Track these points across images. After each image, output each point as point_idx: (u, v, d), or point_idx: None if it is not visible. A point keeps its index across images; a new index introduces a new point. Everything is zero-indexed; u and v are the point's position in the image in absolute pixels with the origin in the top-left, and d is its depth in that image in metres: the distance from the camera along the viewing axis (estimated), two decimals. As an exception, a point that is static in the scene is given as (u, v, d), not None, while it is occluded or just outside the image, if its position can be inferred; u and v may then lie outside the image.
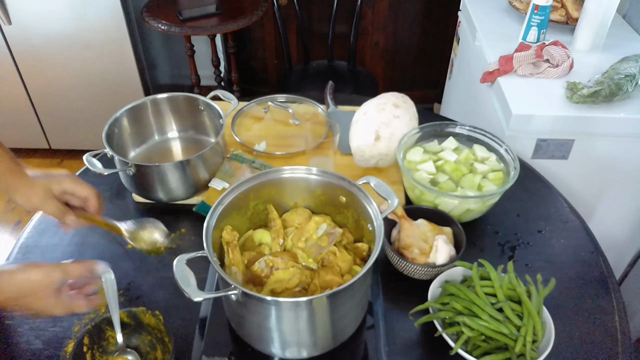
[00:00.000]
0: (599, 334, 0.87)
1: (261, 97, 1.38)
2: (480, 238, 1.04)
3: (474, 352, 0.78)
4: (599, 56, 1.52)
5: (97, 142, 1.11)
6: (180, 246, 1.01)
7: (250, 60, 2.86)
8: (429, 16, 2.67)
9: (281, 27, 2.28)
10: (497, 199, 1.01)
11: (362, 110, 1.14)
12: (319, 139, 1.19)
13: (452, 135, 1.13)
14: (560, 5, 1.67)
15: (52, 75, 2.30)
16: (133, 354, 0.81)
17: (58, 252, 1.00)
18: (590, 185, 1.44)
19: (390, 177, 1.15)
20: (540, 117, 1.30)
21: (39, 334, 0.86)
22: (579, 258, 1.00)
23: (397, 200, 0.83)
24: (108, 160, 1.03)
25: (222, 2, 2.27)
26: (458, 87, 1.96)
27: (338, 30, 2.44)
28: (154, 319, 0.80)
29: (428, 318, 0.83)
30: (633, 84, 1.31)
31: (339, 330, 0.80)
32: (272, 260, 0.82)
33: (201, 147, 1.17)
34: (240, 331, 0.82)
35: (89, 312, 0.89)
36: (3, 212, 2.44)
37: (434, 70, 2.85)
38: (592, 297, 0.93)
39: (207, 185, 1.07)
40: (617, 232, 1.56)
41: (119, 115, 1.10)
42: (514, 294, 0.82)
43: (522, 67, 1.41)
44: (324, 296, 0.71)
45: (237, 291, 0.70)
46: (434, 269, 0.88)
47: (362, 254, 0.87)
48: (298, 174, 0.89)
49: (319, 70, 2.42)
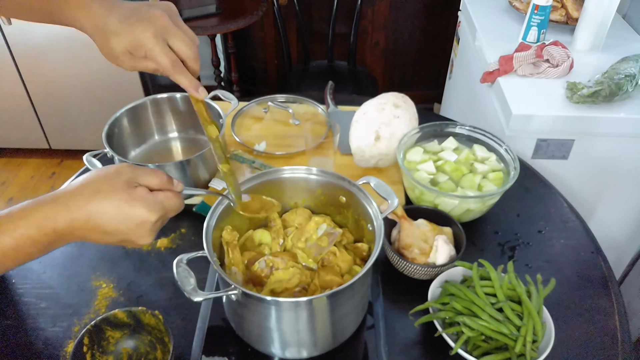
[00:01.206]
0: (599, 334, 0.87)
1: (261, 97, 1.38)
2: (480, 238, 1.04)
3: (474, 352, 0.78)
4: (599, 56, 1.52)
5: (97, 142, 1.11)
6: (180, 246, 1.01)
7: (250, 60, 2.86)
8: (429, 16, 2.67)
9: (281, 27, 2.28)
10: (497, 199, 1.01)
11: (362, 110, 1.14)
12: (319, 139, 1.19)
13: (452, 135, 1.13)
14: (560, 5, 1.66)
15: (52, 75, 2.31)
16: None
17: (57, 252, 1.00)
18: (590, 185, 1.44)
19: (390, 177, 1.15)
20: (540, 117, 1.30)
21: (39, 334, 0.86)
22: (579, 258, 1.00)
23: (397, 200, 0.83)
24: (108, 160, 1.03)
25: (222, 2, 2.27)
26: (458, 87, 1.96)
27: (338, 30, 2.44)
28: (154, 319, 0.80)
29: (428, 318, 0.83)
30: (633, 84, 1.31)
31: (339, 330, 0.80)
32: (272, 260, 0.82)
33: (201, 147, 1.17)
34: (240, 331, 0.82)
35: (88, 313, 0.89)
36: (3, 212, 2.44)
37: (434, 70, 2.85)
38: (592, 297, 0.93)
39: (207, 185, 1.07)
40: (617, 232, 1.56)
41: (119, 115, 1.10)
42: (514, 294, 0.82)
43: (522, 67, 1.41)
44: (324, 296, 0.71)
45: (237, 291, 0.70)
46: (434, 269, 0.88)
47: (362, 254, 0.87)
48: (298, 174, 0.89)
49: (319, 70, 2.42)
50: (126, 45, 0.68)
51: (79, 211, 0.58)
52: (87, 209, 0.59)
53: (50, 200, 0.59)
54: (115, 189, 0.60)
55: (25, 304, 0.91)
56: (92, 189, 0.60)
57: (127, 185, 0.61)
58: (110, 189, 0.60)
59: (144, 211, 0.61)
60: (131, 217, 0.61)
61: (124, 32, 0.67)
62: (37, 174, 2.63)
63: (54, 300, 0.91)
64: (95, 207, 0.59)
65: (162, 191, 0.65)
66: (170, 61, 0.69)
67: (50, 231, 0.58)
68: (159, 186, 0.65)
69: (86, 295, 0.92)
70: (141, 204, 0.61)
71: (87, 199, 0.59)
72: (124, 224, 0.61)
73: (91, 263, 0.98)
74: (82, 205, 0.59)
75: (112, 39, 0.68)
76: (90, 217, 0.59)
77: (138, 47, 0.68)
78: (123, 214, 0.60)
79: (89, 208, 0.59)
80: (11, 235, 0.56)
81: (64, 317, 0.88)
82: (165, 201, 0.64)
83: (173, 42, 0.69)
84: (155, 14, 0.68)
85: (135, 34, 0.67)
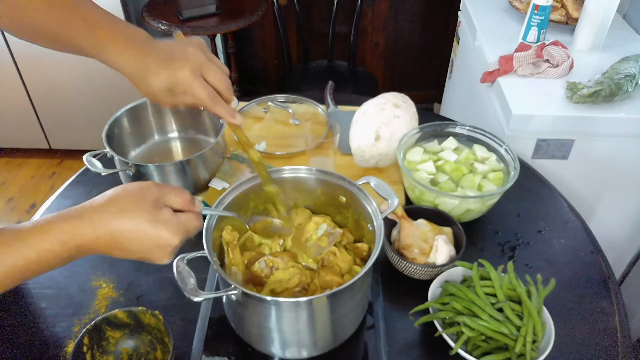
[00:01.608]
0: (599, 334, 0.87)
1: (261, 97, 1.38)
2: (480, 238, 1.04)
3: (474, 352, 0.78)
4: (599, 56, 1.52)
5: (97, 142, 1.11)
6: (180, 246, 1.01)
7: (250, 60, 2.86)
8: (429, 16, 2.67)
9: (281, 27, 2.28)
10: (497, 199, 1.01)
11: (362, 110, 1.14)
12: (319, 139, 1.19)
13: (452, 135, 1.13)
14: (560, 5, 1.66)
15: (52, 75, 2.31)
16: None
17: (58, 252, 1.00)
18: (590, 185, 1.44)
19: (390, 177, 1.15)
20: (540, 117, 1.30)
21: (39, 334, 0.86)
22: (579, 258, 1.00)
23: (397, 200, 0.83)
24: (108, 160, 1.03)
25: (222, 2, 2.27)
26: (458, 87, 1.96)
27: (338, 30, 2.44)
28: (154, 319, 0.80)
29: (428, 318, 0.83)
30: (633, 84, 1.31)
31: (339, 330, 0.80)
32: (272, 260, 0.82)
33: (201, 147, 1.17)
34: (240, 331, 0.82)
35: (88, 313, 0.89)
36: (3, 212, 2.44)
37: (434, 70, 2.85)
38: (592, 297, 0.93)
39: (207, 185, 1.07)
40: (617, 232, 1.56)
41: (119, 115, 1.10)
42: (514, 294, 0.82)
43: (522, 67, 1.41)
44: (324, 296, 0.71)
45: (237, 291, 0.70)
46: (434, 269, 0.88)
47: (362, 254, 0.87)
48: (298, 174, 0.89)
49: (319, 70, 2.42)
50: (166, 84, 0.70)
51: (103, 229, 0.59)
52: (111, 227, 0.59)
53: (75, 216, 0.59)
54: (140, 209, 0.61)
55: (25, 304, 0.91)
56: (118, 208, 0.60)
57: (153, 207, 0.62)
58: (136, 209, 0.61)
59: (167, 234, 0.62)
60: (154, 239, 0.62)
61: (163, 72, 0.70)
62: (37, 174, 2.63)
63: (54, 300, 0.91)
64: (120, 226, 0.60)
65: (184, 212, 0.66)
66: (208, 95, 0.72)
67: (73, 246, 0.58)
68: (181, 206, 0.66)
69: (86, 295, 0.92)
70: (165, 227, 0.62)
71: (112, 217, 0.60)
72: (146, 245, 0.62)
73: (91, 263, 0.98)
74: (106, 223, 0.59)
75: (151, 79, 0.70)
76: (114, 235, 0.60)
77: (177, 84, 0.70)
78: (147, 235, 0.61)
79: (113, 226, 0.59)
80: (36, 249, 0.56)
81: (64, 317, 0.88)
82: (187, 223, 0.65)
83: (208, 75, 0.72)
84: (190, 51, 0.71)
85: (174, 73, 0.70)
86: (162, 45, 0.72)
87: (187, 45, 0.72)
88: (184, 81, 0.70)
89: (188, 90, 0.71)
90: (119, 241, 0.60)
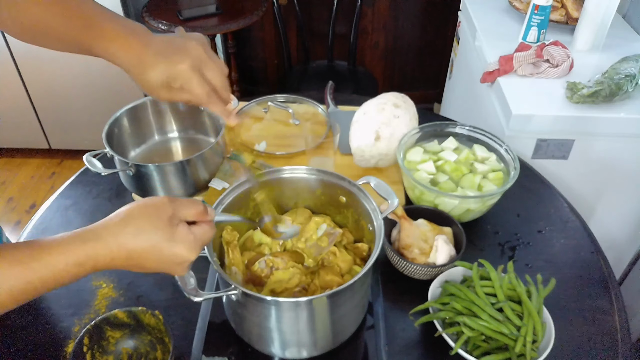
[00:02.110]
0: (599, 334, 0.87)
1: (261, 97, 1.38)
2: (480, 238, 1.04)
3: (474, 352, 0.78)
4: (599, 56, 1.52)
5: (97, 142, 1.11)
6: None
7: (250, 60, 2.86)
8: (429, 16, 2.67)
9: (281, 27, 2.28)
10: (497, 199, 1.01)
11: (362, 110, 1.14)
12: (319, 139, 1.19)
13: (452, 135, 1.13)
14: (560, 5, 1.67)
15: (52, 75, 2.31)
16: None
17: (58, 252, 1.00)
18: (590, 185, 1.44)
19: (390, 177, 1.15)
20: (540, 117, 1.30)
21: (39, 334, 0.86)
22: (579, 258, 1.00)
23: (397, 200, 0.83)
24: (108, 160, 1.03)
25: (222, 2, 2.27)
26: (458, 87, 1.96)
27: (338, 30, 2.44)
28: (153, 319, 0.80)
29: (428, 318, 0.83)
30: (633, 84, 1.31)
31: (339, 330, 0.80)
32: (272, 260, 0.82)
33: (201, 147, 1.17)
34: (240, 331, 0.82)
35: (88, 313, 0.89)
36: (3, 212, 2.44)
37: (434, 70, 2.85)
38: (592, 297, 0.93)
39: (207, 185, 1.07)
40: (617, 232, 1.56)
41: (119, 115, 1.10)
42: (514, 294, 0.82)
43: (522, 67, 1.41)
44: (324, 296, 0.71)
45: (237, 291, 0.70)
46: (434, 269, 0.88)
47: (362, 254, 0.87)
48: (298, 174, 0.89)
49: (319, 70, 2.42)
50: (164, 77, 0.69)
51: (120, 250, 0.60)
52: (129, 248, 0.60)
53: (92, 238, 0.59)
54: (156, 228, 0.61)
55: (25, 305, 0.91)
56: (134, 227, 0.60)
57: (169, 225, 0.62)
58: (152, 228, 0.61)
59: (184, 251, 0.63)
60: (172, 257, 0.62)
61: (161, 65, 0.68)
62: (37, 174, 2.63)
63: (54, 300, 0.91)
64: (137, 247, 0.60)
65: (198, 225, 0.66)
66: (205, 92, 0.71)
67: (89, 267, 0.59)
68: (194, 217, 0.66)
69: (86, 295, 0.92)
70: (182, 244, 0.62)
71: (129, 238, 0.60)
72: (164, 263, 0.63)
73: (91, 263, 0.98)
74: (123, 244, 0.59)
75: (149, 72, 0.69)
76: (132, 256, 0.60)
77: (176, 78, 0.69)
78: (164, 255, 0.62)
79: (131, 247, 0.60)
80: (52, 270, 0.57)
81: (64, 317, 0.88)
82: (202, 236, 0.66)
83: (207, 72, 0.71)
84: (191, 45, 0.70)
85: (173, 66, 0.68)
86: (163, 38, 0.71)
87: (189, 39, 0.71)
88: (183, 75, 0.69)
89: (185, 85, 0.70)
90: (136, 260, 0.61)
